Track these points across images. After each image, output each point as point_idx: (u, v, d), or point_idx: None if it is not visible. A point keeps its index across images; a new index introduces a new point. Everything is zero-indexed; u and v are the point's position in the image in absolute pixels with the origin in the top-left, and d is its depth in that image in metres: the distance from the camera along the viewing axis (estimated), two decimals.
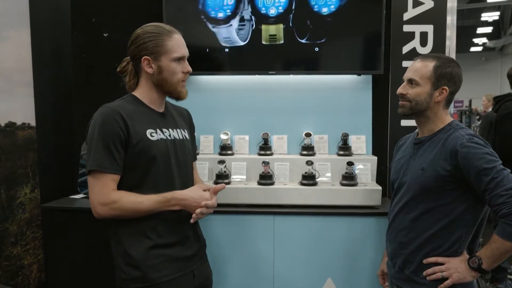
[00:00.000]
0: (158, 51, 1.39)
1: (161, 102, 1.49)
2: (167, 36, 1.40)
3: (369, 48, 2.35)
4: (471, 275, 1.40)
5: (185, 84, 1.47)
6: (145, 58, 1.40)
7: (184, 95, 1.47)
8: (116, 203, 1.33)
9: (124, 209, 1.34)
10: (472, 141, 1.38)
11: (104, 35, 2.54)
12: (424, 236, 1.47)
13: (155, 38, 1.39)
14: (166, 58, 1.40)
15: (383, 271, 1.76)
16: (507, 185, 1.31)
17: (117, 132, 1.33)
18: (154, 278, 1.39)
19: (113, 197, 1.34)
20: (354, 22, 2.32)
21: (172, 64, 1.40)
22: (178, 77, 1.43)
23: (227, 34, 2.36)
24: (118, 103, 1.42)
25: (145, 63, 1.40)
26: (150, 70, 1.41)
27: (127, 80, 1.49)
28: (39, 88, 2.38)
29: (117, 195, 1.34)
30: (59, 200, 2.36)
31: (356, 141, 2.41)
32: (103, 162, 1.33)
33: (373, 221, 2.09)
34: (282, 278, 2.14)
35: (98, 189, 1.34)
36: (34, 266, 2.34)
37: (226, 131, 2.42)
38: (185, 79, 1.46)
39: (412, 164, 1.53)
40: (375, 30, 2.31)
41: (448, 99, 1.50)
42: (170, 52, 1.39)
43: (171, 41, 1.40)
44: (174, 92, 1.45)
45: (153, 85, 1.44)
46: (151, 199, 1.36)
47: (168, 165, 1.44)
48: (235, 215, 2.13)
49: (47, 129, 2.45)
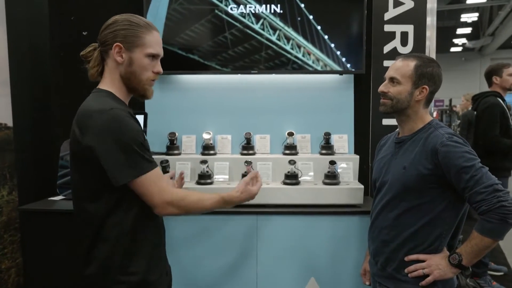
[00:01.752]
0: (133, 42, 1.31)
1: (128, 99, 1.41)
2: (146, 29, 1.34)
3: (351, 48, 2.37)
4: (451, 272, 1.43)
5: (153, 84, 1.39)
6: (117, 45, 1.31)
7: (150, 94, 1.39)
8: (182, 201, 1.31)
9: (190, 207, 1.33)
10: (452, 140, 1.41)
11: (83, 33, 2.50)
12: (405, 234, 1.49)
13: (133, 28, 1.32)
14: (140, 52, 1.32)
15: (366, 269, 1.78)
16: (486, 182, 1.34)
17: (141, 131, 1.29)
18: (153, 281, 1.35)
19: (179, 194, 1.32)
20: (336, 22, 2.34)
21: (145, 59, 1.33)
22: (147, 75, 1.35)
23: None
24: (113, 103, 1.30)
25: (116, 50, 1.31)
26: (119, 59, 1.32)
27: (91, 66, 1.37)
28: (16, 88, 2.32)
29: (179, 193, 1.33)
30: (38, 202, 2.31)
31: (338, 140, 2.42)
32: (151, 162, 1.28)
33: (356, 220, 2.11)
34: (265, 278, 2.14)
35: (159, 189, 1.27)
36: (12, 270, 2.28)
37: (209, 131, 2.41)
38: (155, 79, 1.39)
39: (394, 163, 1.54)
40: (357, 29, 2.33)
41: (428, 99, 1.53)
42: (145, 46, 1.33)
43: (149, 36, 1.34)
44: (140, 89, 1.36)
45: (119, 78, 1.35)
46: (212, 199, 1.37)
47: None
48: (217, 215, 2.12)
49: (25, 130, 2.39)
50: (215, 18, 2.35)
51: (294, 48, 2.36)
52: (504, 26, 14.40)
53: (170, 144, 2.40)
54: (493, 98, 3.19)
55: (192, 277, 2.12)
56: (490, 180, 1.34)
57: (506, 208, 1.31)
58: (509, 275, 3.44)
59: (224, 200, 1.39)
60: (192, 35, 2.37)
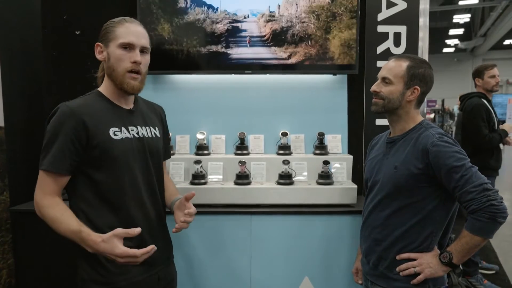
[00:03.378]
0: (107, 37, 1.37)
1: (125, 98, 1.44)
2: (119, 23, 1.38)
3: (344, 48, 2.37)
4: (442, 270, 1.45)
5: (137, 77, 1.38)
6: (97, 45, 1.39)
7: (132, 87, 1.37)
8: (43, 209, 1.31)
9: (46, 218, 1.32)
10: (442, 140, 1.42)
11: (76, 32, 2.48)
12: (397, 233, 1.50)
13: (108, 26, 1.39)
14: (113, 44, 1.36)
15: (358, 268, 1.79)
16: (475, 182, 1.36)
17: (74, 133, 1.30)
18: (118, 280, 1.36)
19: (45, 201, 1.32)
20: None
21: (117, 51, 1.35)
22: (124, 65, 1.35)
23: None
24: (79, 102, 1.37)
25: (98, 50, 1.40)
26: (101, 57, 1.40)
27: (99, 72, 1.49)
28: (8, 87, 2.30)
29: (48, 201, 1.31)
30: (30, 203, 2.30)
31: (332, 140, 2.43)
32: (55, 163, 1.30)
33: (349, 219, 2.12)
34: (259, 278, 2.14)
35: (39, 187, 1.34)
36: (3, 271, 2.26)
37: (202, 130, 2.41)
38: (135, 70, 1.37)
39: (385, 163, 1.56)
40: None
41: (419, 99, 1.54)
42: (117, 38, 1.36)
43: (120, 28, 1.36)
44: (119, 82, 1.37)
45: (107, 76, 1.41)
46: (70, 225, 1.27)
47: (131, 165, 1.39)
48: (211, 215, 2.12)
49: (16, 130, 2.36)
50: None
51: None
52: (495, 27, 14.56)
53: None
54: (477, 99, 3.25)
55: (185, 277, 2.12)
56: (480, 180, 1.36)
57: (495, 207, 1.33)
58: (500, 274, 3.47)
59: (80, 235, 1.25)
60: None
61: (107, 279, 1.35)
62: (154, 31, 2.29)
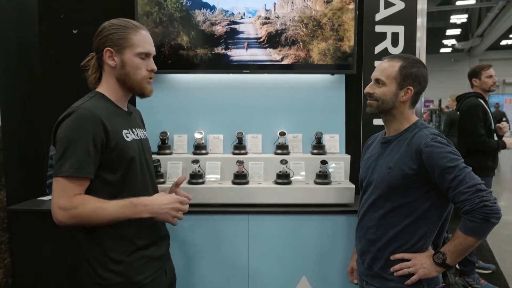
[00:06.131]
0: (121, 44, 1.35)
1: (125, 100, 1.46)
2: (133, 30, 1.37)
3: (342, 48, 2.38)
4: (436, 270, 1.45)
5: (151, 81, 1.44)
6: (108, 50, 1.35)
7: (148, 91, 1.43)
8: (75, 209, 1.25)
9: (84, 215, 1.26)
10: (436, 141, 1.42)
11: (73, 31, 2.48)
12: (391, 233, 1.50)
13: (120, 31, 1.36)
14: (130, 52, 1.36)
15: (353, 268, 1.79)
16: (469, 182, 1.36)
17: (96, 136, 1.28)
18: (139, 281, 1.36)
19: (75, 202, 1.25)
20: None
21: (136, 59, 1.37)
22: (142, 74, 1.39)
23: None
24: (92, 104, 1.34)
25: (107, 55, 1.36)
26: (112, 62, 1.36)
27: (89, 74, 1.44)
28: (4, 86, 2.29)
29: (78, 200, 1.26)
30: (26, 202, 2.29)
31: (330, 140, 2.44)
32: (82, 168, 1.26)
33: (347, 219, 2.13)
34: (257, 277, 2.14)
35: (62, 194, 1.25)
36: (0, 271, 2.25)
37: (200, 130, 2.40)
38: (151, 77, 1.43)
39: (380, 163, 1.56)
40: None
41: (413, 99, 1.54)
42: (134, 46, 1.36)
43: (136, 36, 1.37)
44: (138, 88, 1.40)
45: (116, 81, 1.39)
46: (116, 204, 1.28)
47: (142, 166, 1.43)
48: (209, 215, 2.12)
49: (13, 128, 2.35)
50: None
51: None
52: (492, 27, 14.60)
53: (162, 144, 2.39)
54: (474, 99, 3.26)
55: (183, 276, 2.11)
56: (473, 180, 1.36)
57: (489, 208, 1.33)
58: (496, 273, 3.48)
59: (131, 203, 1.29)
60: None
61: (129, 282, 1.34)
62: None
